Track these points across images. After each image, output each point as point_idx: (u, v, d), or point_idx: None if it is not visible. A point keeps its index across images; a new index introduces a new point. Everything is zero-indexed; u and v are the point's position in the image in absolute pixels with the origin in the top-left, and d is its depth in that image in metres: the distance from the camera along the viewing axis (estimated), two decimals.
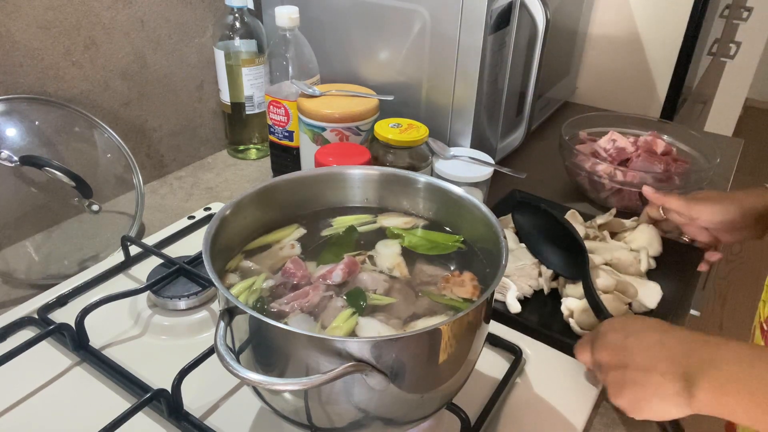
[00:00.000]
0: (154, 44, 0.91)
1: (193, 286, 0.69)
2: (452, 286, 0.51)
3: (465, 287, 0.51)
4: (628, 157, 0.96)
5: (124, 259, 0.75)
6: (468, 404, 0.54)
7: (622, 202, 0.93)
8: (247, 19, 0.95)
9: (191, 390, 0.56)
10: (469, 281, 0.51)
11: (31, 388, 0.58)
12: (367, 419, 0.44)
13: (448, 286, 0.51)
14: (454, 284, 0.51)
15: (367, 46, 0.93)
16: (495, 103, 0.94)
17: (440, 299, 0.50)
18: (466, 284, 0.51)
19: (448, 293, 0.50)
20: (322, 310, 0.48)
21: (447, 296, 0.50)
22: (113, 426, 0.51)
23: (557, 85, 1.24)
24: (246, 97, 0.99)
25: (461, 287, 0.51)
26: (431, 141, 0.85)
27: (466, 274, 0.52)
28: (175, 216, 0.88)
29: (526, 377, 0.62)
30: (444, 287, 0.51)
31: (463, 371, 0.48)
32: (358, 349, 0.39)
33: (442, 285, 0.51)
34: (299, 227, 0.58)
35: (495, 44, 0.86)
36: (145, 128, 0.94)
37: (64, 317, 0.65)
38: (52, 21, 0.77)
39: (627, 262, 0.74)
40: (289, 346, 0.42)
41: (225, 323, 0.43)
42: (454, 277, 0.52)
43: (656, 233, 0.81)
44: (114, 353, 0.62)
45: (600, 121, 1.05)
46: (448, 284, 0.51)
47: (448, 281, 0.52)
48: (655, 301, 0.71)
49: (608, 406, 0.61)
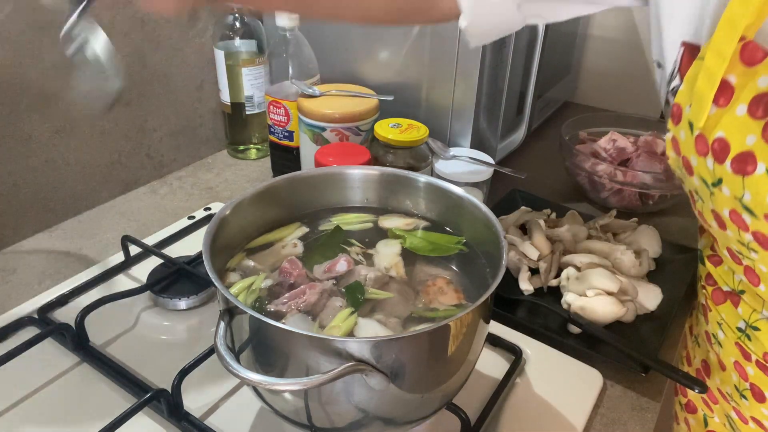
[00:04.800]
0: (154, 44, 0.91)
1: (193, 286, 0.69)
2: (437, 296, 0.51)
3: (447, 294, 0.50)
4: (628, 157, 0.96)
5: (124, 259, 0.75)
6: (468, 404, 0.54)
7: (622, 202, 0.93)
8: (247, 19, 0.95)
9: (191, 390, 0.56)
10: (446, 287, 0.51)
11: (31, 388, 0.58)
12: (367, 419, 0.44)
13: (432, 298, 0.50)
14: (436, 294, 0.51)
15: (367, 46, 0.93)
16: (495, 103, 0.94)
17: (435, 314, 0.49)
18: (445, 291, 0.51)
19: (436, 305, 0.50)
20: (321, 310, 0.48)
21: (439, 309, 0.50)
22: (113, 426, 0.51)
23: (557, 85, 1.24)
24: (246, 97, 0.99)
25: (444, 295, 0.50)
26: (431, 141, 0.85)
27: (439, 280, 0.52)
28: (175, 216, 0.88)
29: (526, 377, 0.62)
30: (430, 301, 0.50)
31: (463, 371, 0.48)
32: (358, 349, 0.39)
33: (428, 299, 0.50)
34: (301, 226, 0.58)
35: (495, 44, 0.86)
36: (145, 128, 0.94)
37: (64, 317, 0.65)
38: (51, 21, 0.77)
39: (629, 263, 0.74)
40: (289, 346, 0.42)
41: (225, 323, 0.43)
42: (432, 287, 0.51)
43: (656, 234, 0.81)
44: (114, 353, 0.62)
45: (600, 121, 1.05)
46: (429, 296, 0.51)
47: (428, 293, 0.51)
48: (656, 303, 0.71)
49: (608, 406, 0.61)
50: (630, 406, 0.61)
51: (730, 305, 0.56)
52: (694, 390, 0.57)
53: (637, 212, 0.93)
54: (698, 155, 0.44)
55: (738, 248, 0.47)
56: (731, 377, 0.59)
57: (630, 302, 0.69)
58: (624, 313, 0.67)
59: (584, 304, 0.67)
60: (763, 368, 0.54)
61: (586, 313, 0.67)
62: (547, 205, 0.89)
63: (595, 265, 0.72)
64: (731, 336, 0.57)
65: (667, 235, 0.83)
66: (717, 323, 0.59)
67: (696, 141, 0.44)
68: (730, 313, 0.56)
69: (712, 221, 0.47)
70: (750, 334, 0.54)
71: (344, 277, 0.52)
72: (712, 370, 0.62)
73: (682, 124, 0.45)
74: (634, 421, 0.60)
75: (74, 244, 0.82)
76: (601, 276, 0.69)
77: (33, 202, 0.82)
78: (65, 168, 0.84)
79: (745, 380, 0.57)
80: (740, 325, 0.55)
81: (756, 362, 0.55)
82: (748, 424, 0.59)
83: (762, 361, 0.54)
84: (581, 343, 0.66)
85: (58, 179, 0.84)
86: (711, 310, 0.60)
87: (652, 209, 0.94)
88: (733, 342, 0.57)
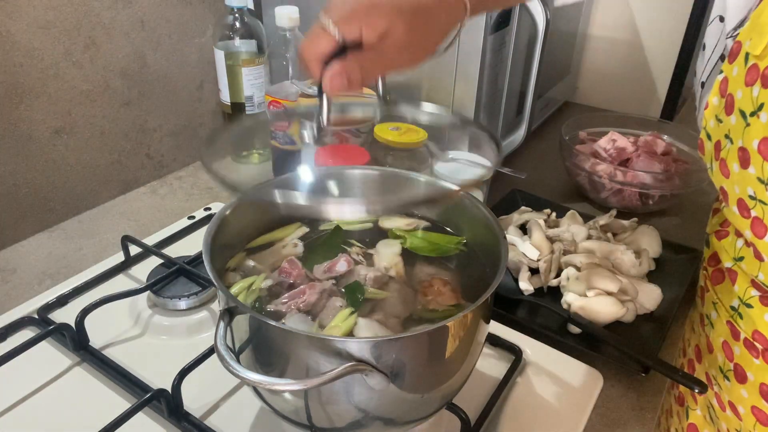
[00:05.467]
0: (154, 44, 0.91)
1: (193, 286, 0.69)
2: (437, 296, 0.50)
3: (447, 294, 0.50)
4: (628, 157, 0.96)
5: (124, 259, 0.75)
6: (468, 404, 0.54)
7: (622, 202, 0.93)
8: (247, 19, 0.95)
9: (191, 390, 0.56)
10: (442, 287, 0.51)
11: (31, 388, 0.58)
12: (367, 419, 0.44)
13: (432, 298, 0.50)
14: (435, 294, 0.51)
15: None
16: (495, 103, 0.94)
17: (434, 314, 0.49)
18: (445, 291, 0.51)
19: (436, 305, 0.50)
20: (321, 310, 0.48)
21: (438, 309, 0.49)
22: (113, 426, 0.51)
23: (557, 85, 1.24)
24: (246, 98, 0.99)
25: (444, 295, 0.50)
26: (431, 142, 0.85)
27: (439, 280, 0.52)
28: (175, 216, 0.88)
29: (526, 377, 0.62)
30: (430, 301, 0.50)
31: (463, 371, 0.48)
32: (359, 349, 0.39)
33: (428, 299, 0.50)
34: (301, 226, 0.58)
35: (495, 44, 0.86)
36: (145, 128, 0.94)
37: (64, 317, 0.65)
38: (52, 21, 0.77)
39: (629, 263, 0.74)
40: (289, 346, 0.42)
41: (225, 323, 0.43)
42: (432, 287, 0.51)
43: (656, 234, 0.81)
44: (114, 353, 0.62)
45: (600, 121, 1.06)
46: (429, 296, 0.50)
47: (426, 295, 0.51)
48: (655, 303, 0.71)
49: (608, 406, 0.61)
50: (630, 406, 0.61)
51: (728, 283, 0.58)
52: (694, 390, 0.58)
53: (637, 212, 0.93)
54: (745, 86, 0.48)
55: (754, 190, 0.48)
56: (717, 359, 0.60)
57: (630, 302, 0.69)
58: (624, 313, 0.67)
59: (584, 304, 0.67)
60: (749, 347, 0.55)
61: (586, 313, 0.67)
62: (547, 205, 0.89)
63: (595, 265, 0.72)
64: (724, 315, 0.58)
65: (667, 235, 0.83)
66: (712, 303, 0.60)
67: (747, 72, 0.47)
68: (727, 291, 0.58)
69: (734, 164, 0.50)
70: (742, 312, 0.56)
71: (344, 277, 0.52)
72: (702, 354, 0.63)
73: (738, 60, 0.49)
74: (634, 421, 0.60)
75: (74, 244, 0.82)
76: (601, 276, 0.69)
77: (33, 202, 0.82)
78: (65, 168, 0.84)
79: (731, 360, 0.58)
80: (734, 303, 0.57)
81: (744, 341, 0.56)
82: (726, 411, 0.60)
83: (750, 339, 0.55)
84: (581, 343, 0.66)
85: (58, 179, 0.84)
86: (708, 291, 0.61)
87: (652, 209, 0.94)
88: (725, 321, 0.58)
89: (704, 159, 0.56)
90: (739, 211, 0.51)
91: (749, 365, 0.56)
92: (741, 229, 0.52)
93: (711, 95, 0.53)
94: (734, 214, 0.52)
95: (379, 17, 0.43)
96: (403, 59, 0.46)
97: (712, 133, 0.54)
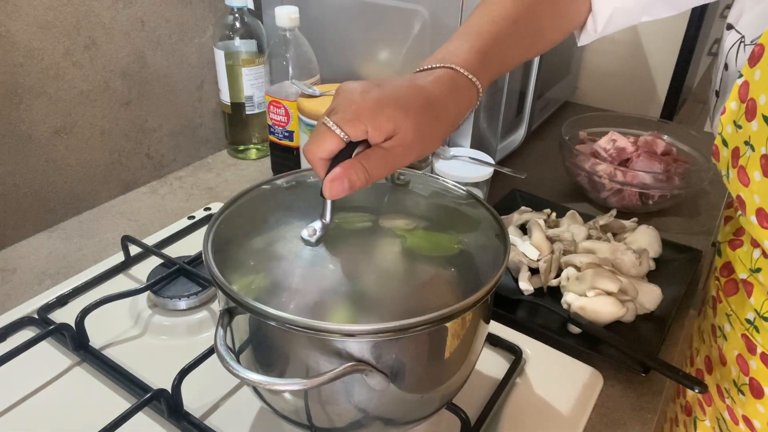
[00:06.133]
0: (154, 44, 0.91)
1: (193, 286, 0.69)
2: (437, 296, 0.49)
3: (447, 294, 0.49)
4: (628, 157, 0.96)
5: (124, 259, 0.75)
6: (468, 404, 0.54)
7: (622, 202, 0.93)
8: (247, 19, 0.95)
9: (191, 390, 0.56)
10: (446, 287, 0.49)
11: (31, 388, 0.58)
12: (367, 419, 0.44)
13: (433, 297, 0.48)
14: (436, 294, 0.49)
15: (367, 46, 0.93)
16: (495, 103, 0.94)
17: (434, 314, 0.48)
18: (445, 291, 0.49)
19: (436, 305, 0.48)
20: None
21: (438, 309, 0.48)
22: (113, 426, 0.51)
23: (557, 85, 1.24)
24: (246, 97, 0.99)
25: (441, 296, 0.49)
26: None
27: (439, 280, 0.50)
28: (175, 216, 0.88)
29: (526, 377, 0.62)
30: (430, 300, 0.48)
31: (463, 371, 0.48)
32: (358, 349, 0.39)
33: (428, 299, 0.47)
34: None
35: None
36: (145, 128, 0.94)
37: (64, 317, 0.65)
38: (52, 21, 0.77)
39: (629, 263, 0.74)
40: (289, 346, 0.42)
41: (225, 323, 0.43)
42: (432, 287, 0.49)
43: (656, 234, 0.81)
44: (114, 353, 0.62)
45: (600, 121, 1.05)
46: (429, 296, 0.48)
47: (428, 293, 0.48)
48: (655, 303, 0.71)
49: (608, 406, 0.61)
50: (630, 406, 0.61)
51: (743, 295, 0.56)
52: (694, 390, 0.57)
53: (637, 212, 0.93)
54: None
55: None
56: (731, 372, 0.59)
57: (630, 302, 0.69)
58: (624, 313, 0.67)
59: (584, 304, 0.67)
60: (767, 361, 0.54)
61: (586, 313, 0.67)
62: (547, 205, 0.89)
63: (595, 265, 0.72)
64: (739, 328, 0.57)
65: (667, 235, 0.83)
66: (725, 315, 0.59)
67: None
68: (741, 303, 0.56)
69: (756, 171, 0.48)
70: (759, 326, 0.54)
71: None
72: (714, 366, 0.62)
73: (761, 63, 0.46)
74: (634, 421, 0.60)
75: (74, 244, 0.82)
76: (601, 276, 0.69)
77: (33, 202, 0.82)
78: (65, 168, 0.84)
79: (746, 374, 0.57)
80: (749, 316, 0.55)
81: (761, 355, 0.55)
82: (739, 425, 0.59)
83: (767, 354, 0.54)
84: (581, 343, 0.66)
85: (58, 179, 0.84)
86: (721, 302, 0.60)
87: (652, 209, 0.94)
88: (740, 334, 0.57)
89: (719, 166, 0.54)
90: (758, 220, 0.49)
91: (766, 380, 0.55)
92: (759, 240, 0.50)
93: (729, 100, 0.51)
94: (752, 224, 0.50)
95: (386, 120, 0.42)
96: (411, 156, 0.45)
97: (729, 140, 0.51)
